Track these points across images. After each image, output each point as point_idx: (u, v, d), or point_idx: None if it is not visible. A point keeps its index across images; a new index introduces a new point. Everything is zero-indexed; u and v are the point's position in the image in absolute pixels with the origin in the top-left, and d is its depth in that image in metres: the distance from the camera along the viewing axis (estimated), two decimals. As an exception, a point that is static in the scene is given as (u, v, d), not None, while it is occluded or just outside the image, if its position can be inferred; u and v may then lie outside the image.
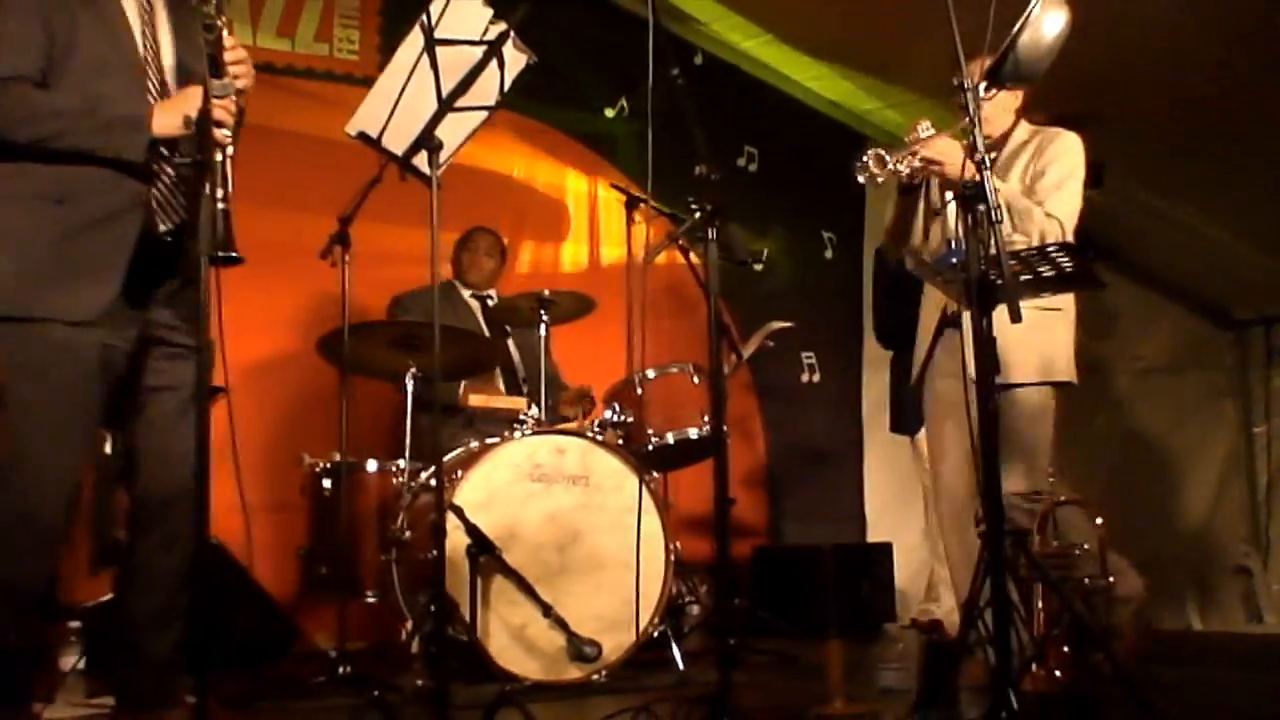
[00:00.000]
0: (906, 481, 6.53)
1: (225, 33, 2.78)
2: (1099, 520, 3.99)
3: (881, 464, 7.26)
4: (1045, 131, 4.12)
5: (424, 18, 3.13)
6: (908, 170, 3.74)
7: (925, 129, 3.76)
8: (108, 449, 4.25)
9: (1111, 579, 3.84)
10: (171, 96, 3.04)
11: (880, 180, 3.58)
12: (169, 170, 3.01)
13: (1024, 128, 4.14)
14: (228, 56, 2.81)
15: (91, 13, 2.98)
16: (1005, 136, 4.12)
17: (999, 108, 4.01)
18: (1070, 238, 3.87)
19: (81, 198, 2.92)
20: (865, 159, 3.56)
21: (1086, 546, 3.83)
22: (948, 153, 3.71)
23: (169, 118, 2.91)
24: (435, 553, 3.27)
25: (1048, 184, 3.98)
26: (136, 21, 3.05)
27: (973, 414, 3.04)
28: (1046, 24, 3.14)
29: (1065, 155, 4.03)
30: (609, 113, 6.82)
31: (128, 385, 3.08)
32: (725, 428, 3.39)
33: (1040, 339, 3.91)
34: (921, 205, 4.14)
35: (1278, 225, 6.27)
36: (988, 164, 2.94)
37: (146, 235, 2.98)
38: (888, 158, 3.59)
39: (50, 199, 2.92)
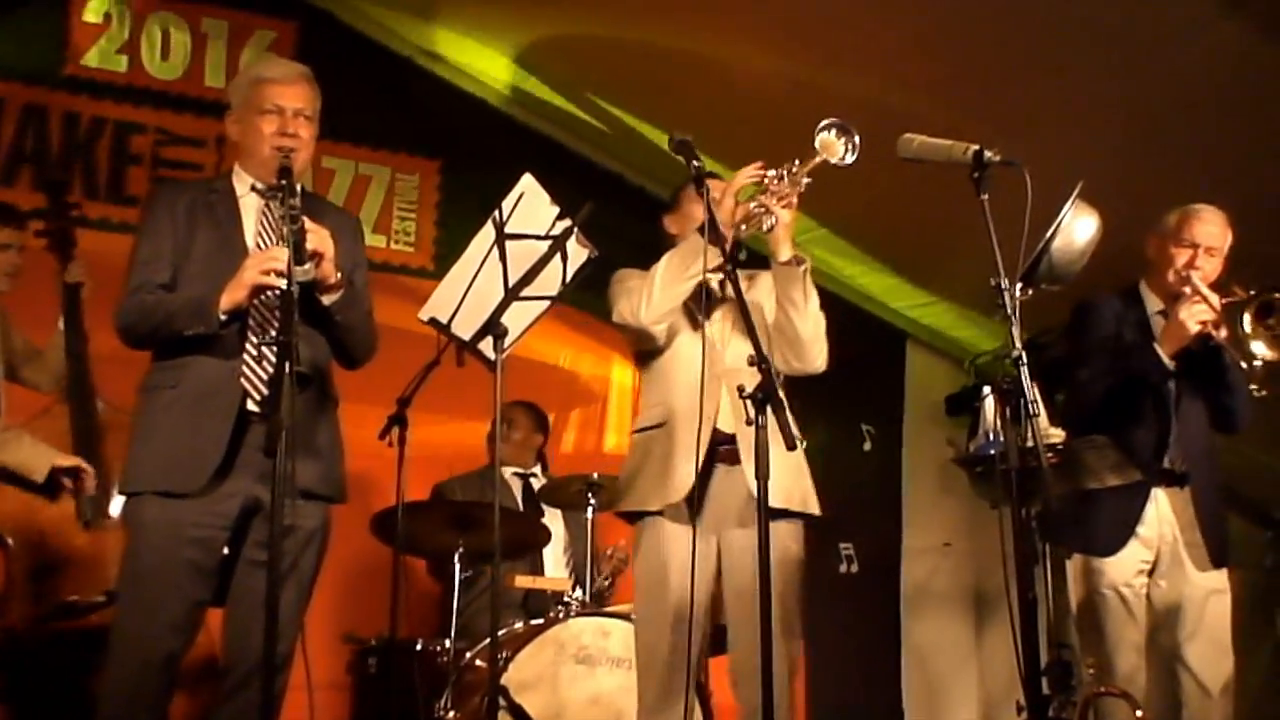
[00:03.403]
0: (946, 673, 6.48)
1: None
2: (1139, 713, 3.98)
3: (920, 658, 7.24)
4: None
5: (496, 213, 3.36)
6: (768, 197, 3.52)
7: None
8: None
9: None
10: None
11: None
12: (253, 348, 3.20)
13: None
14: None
15: (210, 224, 3.31)
16: None
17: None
18: None
19: (188, 381, 3.18)
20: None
21: (1129, 739, 3.83)
22: (789, 222, 3.59)
23: (232, 293, 3.13)
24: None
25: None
26: (252, 224, 3.34)
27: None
28: (1079, 230, 3.32)
29: None
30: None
31: (232, 557, 3.24)
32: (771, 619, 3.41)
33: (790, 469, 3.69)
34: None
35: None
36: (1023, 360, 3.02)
37: (245, 411, 3.16)
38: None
39: (169, 386, 3.20)
